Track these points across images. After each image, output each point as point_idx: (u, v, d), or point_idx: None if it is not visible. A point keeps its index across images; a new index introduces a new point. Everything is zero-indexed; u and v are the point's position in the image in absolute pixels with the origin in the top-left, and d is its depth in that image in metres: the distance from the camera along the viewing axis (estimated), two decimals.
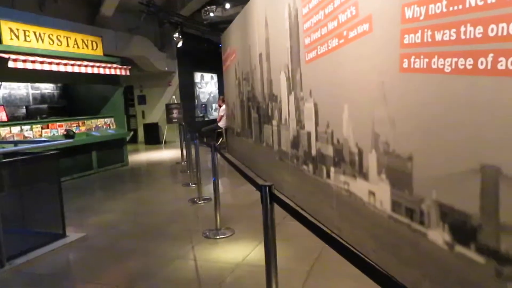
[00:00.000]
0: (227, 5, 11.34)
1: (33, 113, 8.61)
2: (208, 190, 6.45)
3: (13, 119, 8.67)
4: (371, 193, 3.36)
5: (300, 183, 5.22)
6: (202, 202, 5.93)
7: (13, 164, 4.31)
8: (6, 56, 6.91)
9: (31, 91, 9.58)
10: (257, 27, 6.99)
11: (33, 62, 7.31)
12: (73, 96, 10.46)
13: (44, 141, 5.65)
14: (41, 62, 7.47)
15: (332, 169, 4.13)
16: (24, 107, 8.94)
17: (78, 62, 8.34)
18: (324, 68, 4.19)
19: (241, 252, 3.91)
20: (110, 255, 4.08)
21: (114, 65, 9.31)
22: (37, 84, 9.68)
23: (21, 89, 9.29)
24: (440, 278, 2.49)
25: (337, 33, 3.78)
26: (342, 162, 3.88)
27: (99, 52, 9.43)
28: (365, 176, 3.44)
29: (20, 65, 7.07)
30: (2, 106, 7.53)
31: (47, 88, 10.01)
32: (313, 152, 4.64)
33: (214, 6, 11.90)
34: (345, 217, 3.92)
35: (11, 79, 7.57)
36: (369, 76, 3.25)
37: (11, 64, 6.90)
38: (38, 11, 9.77)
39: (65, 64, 7.97)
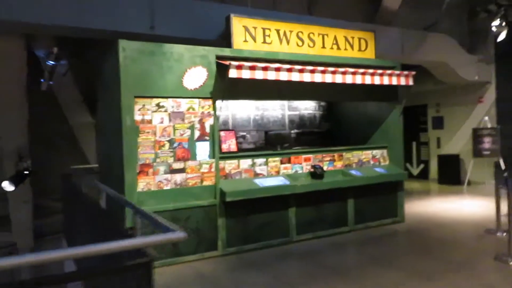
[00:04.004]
0: None
1: (272, 140, 6.55)
2: None
3: (256, 149, 6.88)
4: None
5: None
6: None
7: None
8: (226, 62, 4.96)
9: (287, 112, 7.67)
10: None
11: (264, 69, 5.11)
12: (339, 118, 7.95)
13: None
14: (277, 69, 5.19)
15: None
16: (263, 133, 7.04)
17: (332, 69, 5.66)
18: None
19: None
20: None
21: (389, 71, 6.16)
22: (295, 103, 7.70)
23: (275, 110, 7.50)
24: None
25: None
26: None
27: (369, 53, 6.53)
28: None
29: (245, 74, 5.00)
30: (233, 132, 5.77)
31: (307, 108, 7.89)
32: None
33: None
34: None
35: (244, 95, 5.69)
36: None
37: (232, 73, 4.90)
38: (305, 13, 7.85)
39: (312, 71, 5.45)
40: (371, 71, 5.98)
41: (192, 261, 5.02)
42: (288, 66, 5.27)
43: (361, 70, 5.89)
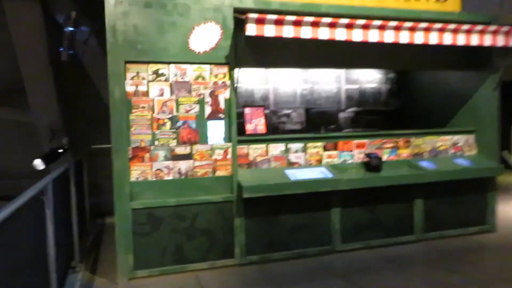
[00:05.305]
0: None
1: (316, 120, 5.17)
2: None
3: (303, 131, 5.59)
4: None
5: None
6: None
7: None
8: (242, 17, 3.75)
9: (344, 86, 6.22)
10: None
11: (296, 23, 3.80)
12: (412, 94, 6.29)
13: None
14: (313, 24, 3.85)
15: None
16: (304, 111, 5.64)
17: (394, 23, 4.16)
18: None
19: None
20: None
21: (480, 27, 4.45)
22: (354, 75, 6.21)
23: (329, 83, 6.09)
24: None
25: None
26: None
27: (451, 5, 4.83)
28: None
29: (269, 30, 3.74)
30: (261, 109, 4.55)
31: (370, 80, 6.35)
32: None
33: None
34: None
35: (273, 60, 4.41)
36: None
37: (250, 30, 3.68)
38: None
39: (365, 27, 4.01)
40: (452, 26, 4.35)
41: (200, 270, 3.99)
42: (330, 20, 3.90)
43: (438, 25, 4.30)
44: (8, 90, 7.02)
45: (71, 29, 5.75)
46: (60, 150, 7.52)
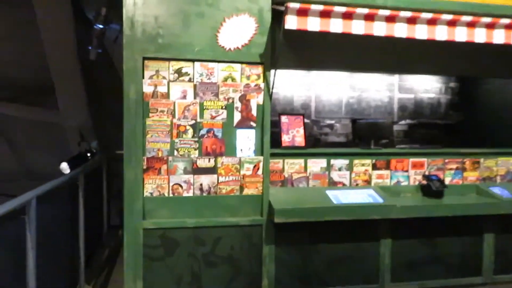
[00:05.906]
0: None
1: (364, 133, 4.40)
2: None
3: (348, 144, 4.88)
4: None
5: None
6: None
7: None
8: (281, 8, 3.14)
9: (397, 95, 5.45)
10: None
11: (346, 16, 3.15)
12: (477, 106, 5.41)
13: None
14: (367, 17, 3.18)
15: None
16: (349, 122, 4.91)
17: (469, 18, 3.41)
18: None
19: None
20: None
21: None
22: (409, 83, 5.43)
23: (379, 92, 5.36)
24: None
25: None
26: None
27: None
28: None
29: (313, 24, 3.11)
30: (300, 118, 3.89)
31: (428, 89, 5.54)
32: None
33: None
34: None
35: (317, 62, 3.77)
36: None
37: (290, 23, 3.07)
38: None
39: (431, 22, 3.30)
40: None
41: None
42: (387, 13, 3.22)
43: (507, 21, 3.50)
44: (38, 90, 6.82)
45: (101, 26, 5.40)
46: (89, 154, 7.16)
